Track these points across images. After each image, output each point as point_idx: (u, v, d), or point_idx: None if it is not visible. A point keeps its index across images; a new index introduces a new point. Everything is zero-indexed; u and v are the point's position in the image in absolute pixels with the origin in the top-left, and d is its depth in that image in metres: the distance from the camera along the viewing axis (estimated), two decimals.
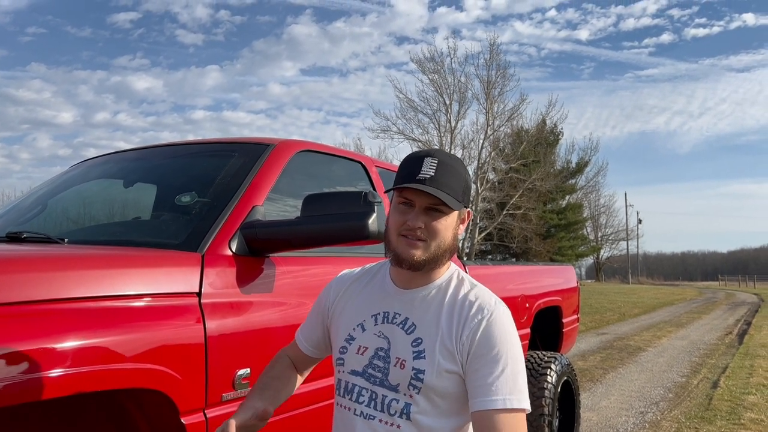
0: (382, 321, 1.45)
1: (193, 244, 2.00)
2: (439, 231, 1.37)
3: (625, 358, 9.19)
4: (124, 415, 1.76)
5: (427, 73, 28.58)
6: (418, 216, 1.36)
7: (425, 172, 1.35)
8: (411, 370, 1.37)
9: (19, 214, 2.77)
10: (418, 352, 1.38)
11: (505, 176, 29.98)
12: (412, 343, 1.39)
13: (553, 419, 3.95)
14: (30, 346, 1.40)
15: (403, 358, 1.39)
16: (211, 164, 2.56)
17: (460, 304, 1.40)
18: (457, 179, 1.38)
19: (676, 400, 6.33)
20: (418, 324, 1.41)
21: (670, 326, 14.26)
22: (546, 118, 32.53)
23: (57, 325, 1.48)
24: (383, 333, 1.44)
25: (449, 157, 1.41)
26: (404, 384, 1.37)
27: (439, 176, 1.35)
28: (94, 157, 3.15)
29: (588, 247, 47.92)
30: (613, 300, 23.47)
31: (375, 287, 1.54)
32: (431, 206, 1.36)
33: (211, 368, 1.82)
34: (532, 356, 4.14)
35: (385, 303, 1.48)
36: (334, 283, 1.65)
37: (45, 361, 1.42)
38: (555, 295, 4.61)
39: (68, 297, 1.56)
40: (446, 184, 1.36)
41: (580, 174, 43.33)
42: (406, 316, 1.43)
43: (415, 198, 1.37)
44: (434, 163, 1.37)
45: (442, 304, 1.42)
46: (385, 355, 1.41)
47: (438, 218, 1.37)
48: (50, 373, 1.42)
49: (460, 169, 1.40)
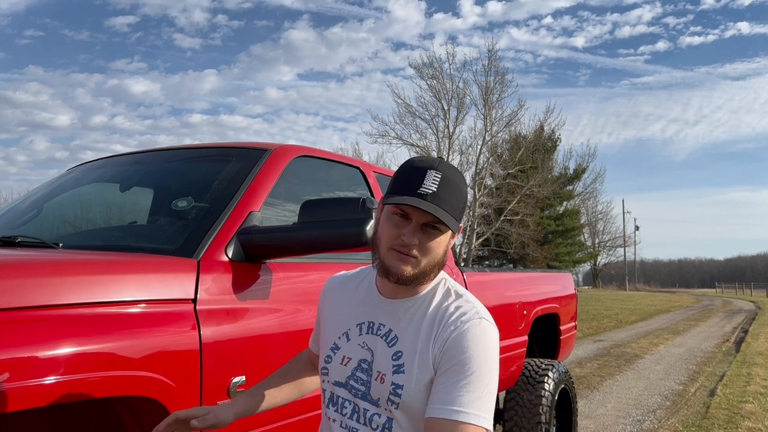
0: (367, 331, 1.42)
1: (189, 250, 1.98)
2: (433, 249, 1.32)
3: (623, 365, 9.18)
4: (117, 423, 1.74)
5: (426, 79, 28.69)
6: (414, 232, 1.30)
7: (428, 187, 1.28)
8: (390, 384, 1.32)
9: (15, 217, 2.75)
10: (398, 366, 1.33)
11: (502, 182, 30.02)
12: (393, 357, 1.35)
13: (551, 427, 3.94)
14: (19, 353, 1.38)
15: (383, 372, 1.35)
16: (208, 169, 2.54)
17: (441, 316, 1.35)
18: (457, 197, 1.32)
19: (673, 408, 6.32)
20: (401, 336, 1.37)
21: (668, 333, 14.25)
22: (544, 124, 32.66)
23: (48, 332, 1.46)
24: (367, 344, 1.40)
25: (452, 172, 1.34)
26: (383, 399, 1.33)
27: (441, 193, 1.28)
28: (90, 161, 3.12)
29: (585, 253, 47.98)
30: (610, 307, 23.47)
31: (361, 294, 1.50)
32: (429, 223, 1.30)
33: (206, 376, 1.80)
34: (530, 364, 4.12)
35: (370, 312, 1.44)
36: (325, 286, 1.64)
37: (35, 369, 1.39)
38: (553, 302, 4.59)
39: (60, 303, 1.54)
40: (447, 202, 1.29)
41: (577, 180, 43.46)
42: (390, 327, 1.39)
43: (412, 213, 1.30)
44: (437, 178, 1.30)
45: (424, 316, 1.37)
46: (368, 368, 1.37)
47: (434, 236, 1.31)
48: (40, 381, 1.39)
49: (461, 186, 1.34)
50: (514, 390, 4.02)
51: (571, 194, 42.69)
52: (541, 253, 34.14)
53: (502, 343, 3.68)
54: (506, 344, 3.75)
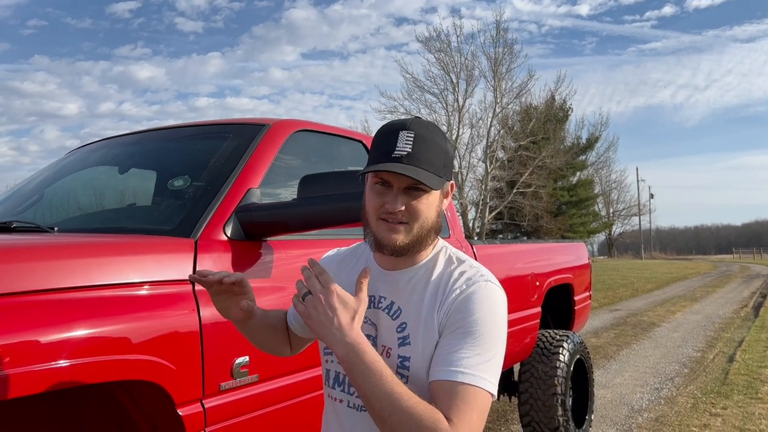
0: (369, 306, 1.36)
1: (186, 230, 1.93)
2: (421, 211, 1.26)
3: (639, 334, 9.11)
4: (118, 409, 1.71)
5: (433, 52, 28.33)
6: (396, 198, 1.24)
7: (401, 149, 1.22)
8: (397, 358, 1.28)
9: (18, 203, 2.72)
10: (403, 338, 1.29)
11: (514, 154, 29.75)
12: (397, 329, 1.30)
13: (566, 398, 3.90)
14: (14, 339, 1.34)
15: (388, 345, 1.30)
16: (205, 147, 2.48)
17: (445, 282, 1.29)
18: (436, 153, 1.25)
19: (691, 376, 6.25)
20: (404, 308, 1.32)
21: (684, 301, 14.14)
22: (555, 93, 32.22)
23: (43, 317, 1.42)
24: (370, 319, 1.35)
25: (426, 128, 1.27)
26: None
27: (416, 152, 1.23)
28: (89, 143, 3.08)
29: (600, 223, 47.62)
30: (626, 276, 23.33)
31: (360, 269, 1.45)
32: (411, 186, 1.25)
33: (207, 357, 1.76)
34: (544, 335, 4.07)
35: (371, 287, 1.38)
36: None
37: (30, 354, 1.36)
38: (566, 273, 4.52)
39: (55, 287, 1.50)
40: (425, 160, 1.23)
41: (590, 150, 42.96)
42: (392, 300, 1.34)
43: (391, 178, 1.24)
44: (410, 137, 1.23)
45: (426, 285, 1.31)
46: (373, 343, 1.31)
47: (419, 198, 1.25)
48: (36, 367, 1.36)
49: (439, 140, 1.28)
50: (529, 362, 3.97)
51: (584, 164, 42.22)
52: (555, 225, 33.92)
53: (515, 315, 3.63)
54: (519, 316, 3.69)
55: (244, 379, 1.86)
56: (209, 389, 1.76)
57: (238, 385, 1.84)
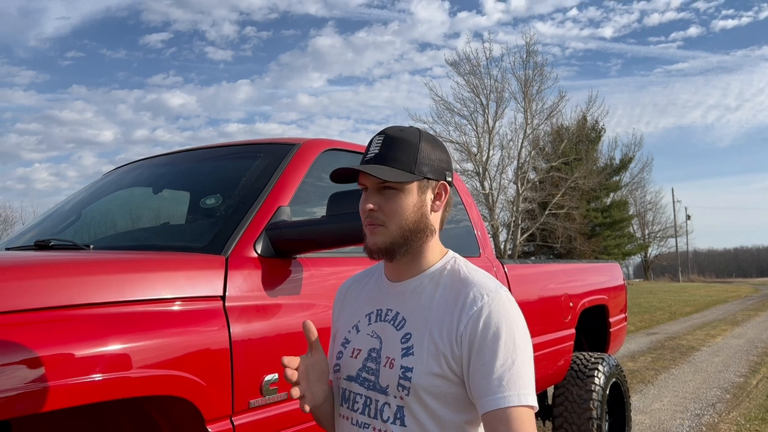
0: (375, 319, 1.36)
1: (218, 247, 1.95)
2: (395, 210, 1.27)
3: (678, 358, 8.84)
4: (149, 423, 1.72)
5: (463, 75, 28.42)
6: (368, 198, 1.29)
7: (371, 152, 1.29)
8: (399, 369, 1.26)
9: (55, 222, 2.80)
10: (407, 349, 1.27)
11: (546, 175, 29.47)
12: (402, 340, 1.28)
13: (603, 422, 3.79)
14: (50, 352, 1.37)
15: (392, 357, 1.28)
16: (237, 166, 2.52)
17: (456, 292, 1.28)
18: (406, 150, 1.28)
19: (734, 402, 6.03)
20: (408, 318, 1.30)
21: (725, 324, 13.70)
22: (587, 114, 31.91)
23: (78, 331, 1.45)
24: (376, 332, 1.34)
25: (400, 131, 1.32)
26: (393, 385, 1.26)
27: (384, 152, 1.28)
28: (125, 165, 3.16)
29: (635, 245, 46.62)
30: (663, 299, 22.76)
31: (371, 286, 1.44)
32: (381, 185, 1.27)
33: (237, 374, 1.76)
34: (578, 357, 3.98)
35: (379, 300, 1.38)
36: (337, 292, 1.56)
37: (66, 368, 1.38)
38: (600, 294, 4.43)
39: (89, 303, 1.53)
40: (391, 158, 1.27)
41: (624, 170, 42.31)
42: (397, 310, 1.33)
43: (365, 180, 1.30)
44: (380, 140, 1.30)
45: (434, 294, 1.30)
46: (377, 356, 1.30)
47: (390, 197, 1.27)
48: (72, 380, 1.38)
49: (411, 139, 1.30)
50: (563, 385, 3.88)
51: (617, 185, 41.57)
52: (588, 247, 33.36)
53: (548, 336, 3.56)
54: (552, 338, 3.62)
55: (273, 397, 1.86)
56: (239, 406, 1.76)
57: (267, 403, 1.84)
